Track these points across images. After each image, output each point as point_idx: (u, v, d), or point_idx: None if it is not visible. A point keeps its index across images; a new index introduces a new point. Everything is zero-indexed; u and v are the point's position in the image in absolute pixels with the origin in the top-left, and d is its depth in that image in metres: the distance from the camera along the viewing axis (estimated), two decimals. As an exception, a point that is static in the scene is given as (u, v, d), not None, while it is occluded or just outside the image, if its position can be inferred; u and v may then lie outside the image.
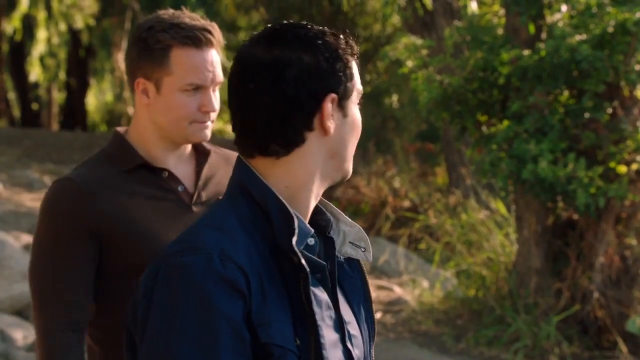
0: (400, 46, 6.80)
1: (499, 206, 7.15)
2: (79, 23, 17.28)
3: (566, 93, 5.91)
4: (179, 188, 2.13)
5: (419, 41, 6.80)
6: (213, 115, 2.13)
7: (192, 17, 2.13)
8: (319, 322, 1.47)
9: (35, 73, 18.60)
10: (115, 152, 2.14)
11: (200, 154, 2.20)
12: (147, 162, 2.12)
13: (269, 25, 1.60)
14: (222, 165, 2.21)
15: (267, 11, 12.13)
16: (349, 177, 1.58)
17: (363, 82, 1.69)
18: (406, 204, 9.76)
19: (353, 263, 1.62)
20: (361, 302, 1.61)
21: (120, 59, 17.62)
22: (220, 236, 1.47)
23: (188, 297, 1.42)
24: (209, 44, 2.11)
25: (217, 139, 15.55)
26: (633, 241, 5.95)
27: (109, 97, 23.19)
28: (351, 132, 1.55)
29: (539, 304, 6.00)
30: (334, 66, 1.53)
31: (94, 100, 23.66)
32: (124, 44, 17.64)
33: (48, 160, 12.58)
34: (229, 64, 1.75)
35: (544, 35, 6.10)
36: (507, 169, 5.67)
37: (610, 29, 5.60)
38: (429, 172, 11.24)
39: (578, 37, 5.66)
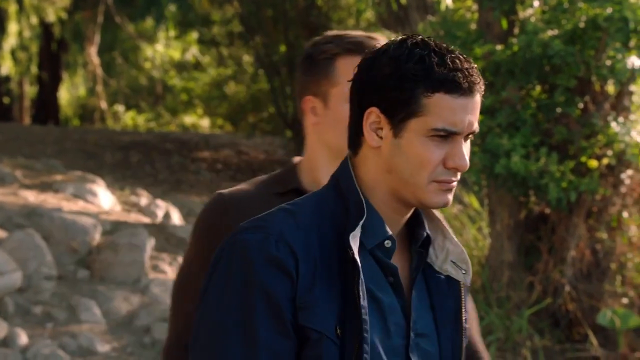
0: (373, 41, 6.80)
1: (472, 200, 7.19)
2: (51, 16, 17.11)
3: (538, 88, 5.95)
4: None
5: (393, 36, 6.80)
6: None
7: (358, 32, 2.08)
8: (364, 317, 1.50)
9: (6, 66, 18.40)
10: (280, 175, 2.08)
11: None
12: (299, 187, 2.03)
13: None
14: None
15: (241, 5, 12.08)
16: (434, 205, 1.57)
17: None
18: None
19: (453, 283, 1.63)
20: (450, 320, 1.62)
21: (93, 52, 17.48)
22: (288, 219, 1.55)
23: (239, 273, 1.51)
24: None
25: (192, 133, 15.51)
26: (604, 235, 6.01)
27: (81, 91, 23.00)
28: (405, 157, 1.55)
29: (512, 298, 6.04)
30: (387, 81, 1.54)
31: (67, 94, 23.45)
32: (97, 38, 17.51)
33: (20, 154, 12.46)
34: (204, 59, 1.73)
35: (516, 31, 6.13)
36: (480, 164, 5.70)
37: (582, 25, 5.64)
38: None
39: (550, 33, 5.69)
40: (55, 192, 7.94)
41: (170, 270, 6.96)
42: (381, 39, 2.04)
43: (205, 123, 18.77)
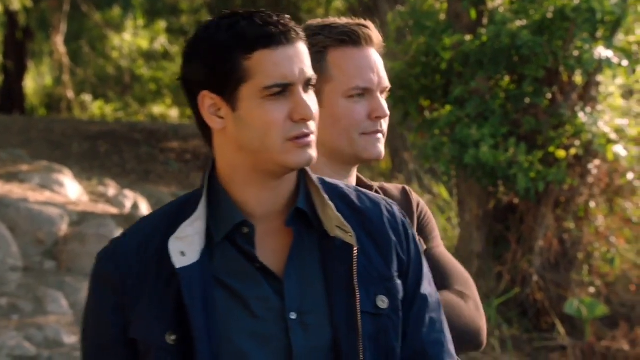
0: (343, 31, 6.78)
1: (441, 191, 7.21)
2: (16, 4, 16.87)
3: (507, 78, 5.97)
4: None
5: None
6: (384, 126, 1.88)
7: (344, 19, 1.89)
8: (192, 317, 1.48)
9: (-30, 55, 18.14)
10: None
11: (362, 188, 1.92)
12: None
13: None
14: None
15: (209, -6, 12.01)
16: (296, 165, 1.52)
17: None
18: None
19: (346, 247, 1.56)
20: (342, 287, 1.54)
21: (59, 41, 17.28)
22: (134, 228, 1.57)
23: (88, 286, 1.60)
24: (368, 41, 1.86)
25: (160, 123, 15.41)
26: (571, 225, 6.06)
27: (48, 80, 22.73)
28: (249, 127, 1.51)
29: (480, 287, 6.07)
30: (205, 61, 1.51)
31: (33, 83, 23.17)
32: (63, 27, 17.31)
33: (-16, 144, 12.29)
34: (172, 48, 1.71)
35: (485, 21, 6.15)
36: (450, 154, 5.72)
37: (550, 15, 5.66)
38: (372, 156, 11.28)
39: (518, 23, 5.72)
40: (21, 182, 7.83)
41: (138, 261, 6.90)
42: (372, 26, 1.89)
43: (174, 113, 18.66)
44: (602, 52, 5.54)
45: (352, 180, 1.94)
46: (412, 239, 1.63)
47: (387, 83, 1.88)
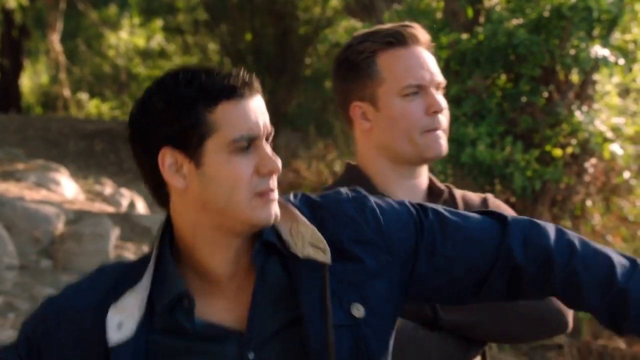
0: (340, 29, 6.80)
1: (438, 189, 7.22)
2: (12, 3, 16.85)
3: (504, 77, 5.98)
4: None
5: (358, 24, 6.80)
6: (444, 121, 1.88)
7: (388, 24, 1.93)
8: None
9: (-34, 54, 18.12)
10: (352, 182, 1.83)
11: (434, 192, 1.95)
12: (385, 195, 1.82)
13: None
14: (452, 206, 1.91)
15: (206, -8, 12.01)
16: (265, 222, 1.45)
17: (302, 66, 1.64)
18: (346, 187, 9.78)
19: (317, 266, 1.49)
20: (316, 306, 1.48)
21: (55, 39, 17.27)
22: (57, 298, 1.55)
23: None
24: (415, 40, 1.88)
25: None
26: (568, 223, 6.06)
27: (44, 78, 22.71)
28: (216, 183, 1.44)
29: (477, 286, 6.08)
30: (165, 115, 1.44)
31: (29, 81, 23.15)
32: (59, 25, 17.29)
33: (-19, 143, 12.28)
34: (169, 47, 1.69)
35: (482, 19, 6.15)
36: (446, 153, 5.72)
37: (546, 14, 5.67)
38: (369, 155, 11.29)
39: (515, 22, 5.72)
40: (17, 181, 7.83)
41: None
42: (417, 26, 1.91)
43: (170, 111, 18.66)
44: (598, 50, 5.55)
45: (423, 181, 1.94)
46: (381, 212, 1.53)
47: (440, 78, 1.89)
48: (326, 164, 10.32)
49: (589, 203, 6.09)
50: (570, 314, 1.90)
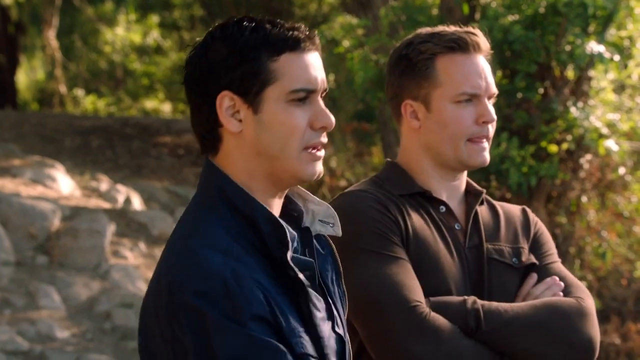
0: (336, 25, 6.79)
1: (434, 185, 7.22)
2: (8, -1, 16.81)
3: (499, 73, 5.98)
4: (456, 226, 1.96)
5: (354, 20, 6.80)
6: (491, 131, 1.94)
7: (451, 27, 1.96)
8: (321, 335, 1.48)
9: (-38, 50, 18.07)
10: (392, 177, 1.96)
11: (471, 194, 2.02)
12: (427, 191, 1.94)
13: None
14: (493, 214, 2.02)
15: (202, -11, 11.99)
16: (309, 177, 1.51)
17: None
18: (343, 183, 9.79)
19: (322, 240, 1.61)
20: (334, 279, 1.59)
21: (51, 36, 17.23)
22: (220, 255, 1.43)
23: (218, 331, 1.39)
24: (476, 48, 1.93)
25: (153, 118, 15.39)
26: (563, 219, 6.07)
27: (40, 75, 22.67)
28: (271, 131, 1.48)
29: (472, 282, 6.09)
30: (229, 60, 1.47)
31: (25, 78, 23.10)
32: (55, 21, 17.26)
33: (-24, 139, 12.26)
34: (165, 43, 1.71)
35: (477, 16, 6.15)
36: (442, 148, 5.73)
37: (542, 10, 5.67)
38: (365, 151, 11.29)
39: (511, 18, 5.72)
40: (13, 177, 7.81)
41: (131, 256, 6.90)
42: (479, 33, 1.94)
43: (166, 108, 18.63)
44: (594, 47, 5.55)
45: (461, 185, 2.00)
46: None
47: (494, 89, 1.95)
48: (323, 160, 10.32)
49: (584, 199, 6.10)
50: (598, 342, 1.96)
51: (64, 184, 7.96)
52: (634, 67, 6.12)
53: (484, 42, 1.95)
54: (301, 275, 1.46)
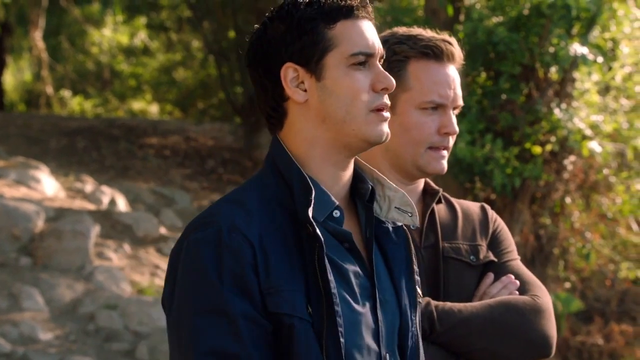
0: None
1: (419, 186, 7.22)
2: (-6, -1, 16.75)
3: (484, 74, 5.99)
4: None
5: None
6: (451, 142, 1.94)
7: (428, 32, 1.95)
8: (333, 291, 1.49)
9: (-52, 50, 17.97)
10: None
11: (428, 194, 2.01)
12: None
13: None
14: (451, 212, 2.02)
15: (189, -10, 11.96)
16: (377, 138, 1.56)
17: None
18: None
19: (399, 230, 1.64)
20: (402, 269, 1.62)
21: (37, 37, 17.16)
22: (235, 209, 1.53)
23: (201, 273, 1.49)
24: (450, 58, 1.93)
25: (139, 119, 15.35)
26: (547, 220, 6.09)
27: (27, 76, 22.58)
28: (335, 95, 1.55)
29: (457, 283, 6.10)
30: (288, 35, 1.55)
31: (12, 79, 23.00)
32: (41, 22, 17.19)
33: (-38, 140, 12.18)
34: (151, 44, 1.74)
35: (462, 17, 6.17)
36: (426, 150, 5.73)
37: (526, 12, 5.69)
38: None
39: (495, 20, 5.73)
40: (-3, 178, 7.78)
41: (115, 257, 6.87)
42: (455, 42, 1.94)
43: (154, 109, 18.59)
44: (577, 48, 5.57)
45: (418, 187, 2.00)
46: None
47: (460, 101, 1.95)
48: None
49: (568, 200, 6.12)
50: (554, 338, 1.97)
51: (48, 185, 7.92)
52: (618, 69, 6.15)
53: (458, 52, 1.95)
54: (318, 231, 1.50)
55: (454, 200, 2.08)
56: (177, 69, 15.87)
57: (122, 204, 8.09)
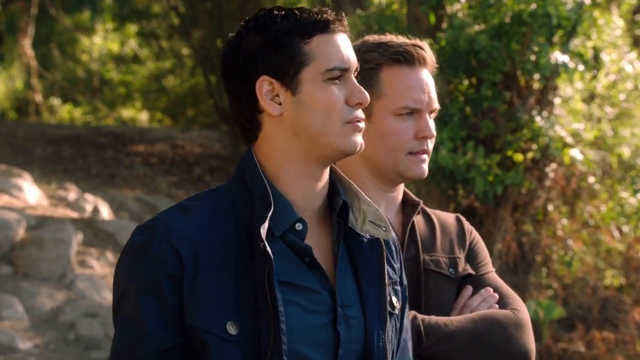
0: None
1: (403, 194, 7.21)
2: (-17, 7, 16.72)
3: (466, 82, 5.99)
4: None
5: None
6: (430, 145, 1.94)
7: (399, 38, 1.93)
8: (280, 308, 1.49)
9: (-63, 58, 17.93)
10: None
11: (408, 205, 2.00)
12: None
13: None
14: (429, 224, 2.01)
15: (177, -2, 11.97)
16: (352, 149, 1.56)
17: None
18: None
19: (375, 243, 1.63)
20: (373, 282, 1.61)
21: (27, 44, 17.14)
22: (178, 217, 1.54)
23: (129, 275, 1.53)
24: (422, 62, 1.92)
25: (127, 127, 15.33)
26: (529, 228, 6.08)
27: (18, 84, 22.55)
28: (311, 109, 1.54)
29: (439, 291, 6.08)
30: (264, 48, 1.55)
31: (3, 87, 22.96)
32: (31, 30, 17.17)
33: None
34: (142, 52, 1.76)
35: (444, 25, 6.17)
36: (408, 157, 5.72)
37: (507, 20, 5.69)
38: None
39: (477, 28, 5.74)
40: (-21, 186, 7.74)
41: (97, 266, 6.84)
42: (426, 47, 1.94)
43: (143, 117, 18.57)
44: (558, 56, 5.58)
45: (398, 196, 1.99)
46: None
47: (436, 105, 1.93)
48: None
49: (550, 208, 6.11)
50: (534, 352, 1.99)
51: (30, 193, 7.89)
52: (602, 77, 6.15)
53: (430, 56, 1.94)
54: (268, 249, 1.49)
55: (430, 211, 2.07)
56: (167, 76, 15.86)
57: (105, 212, 8.06)
